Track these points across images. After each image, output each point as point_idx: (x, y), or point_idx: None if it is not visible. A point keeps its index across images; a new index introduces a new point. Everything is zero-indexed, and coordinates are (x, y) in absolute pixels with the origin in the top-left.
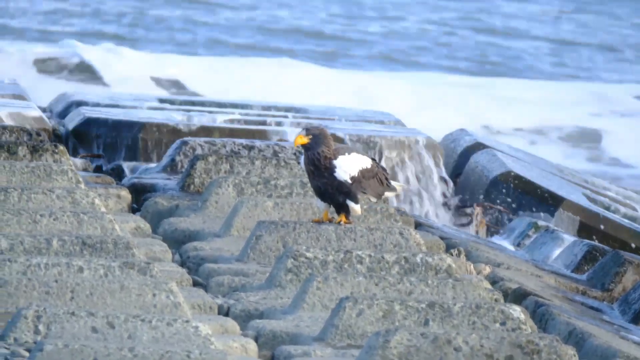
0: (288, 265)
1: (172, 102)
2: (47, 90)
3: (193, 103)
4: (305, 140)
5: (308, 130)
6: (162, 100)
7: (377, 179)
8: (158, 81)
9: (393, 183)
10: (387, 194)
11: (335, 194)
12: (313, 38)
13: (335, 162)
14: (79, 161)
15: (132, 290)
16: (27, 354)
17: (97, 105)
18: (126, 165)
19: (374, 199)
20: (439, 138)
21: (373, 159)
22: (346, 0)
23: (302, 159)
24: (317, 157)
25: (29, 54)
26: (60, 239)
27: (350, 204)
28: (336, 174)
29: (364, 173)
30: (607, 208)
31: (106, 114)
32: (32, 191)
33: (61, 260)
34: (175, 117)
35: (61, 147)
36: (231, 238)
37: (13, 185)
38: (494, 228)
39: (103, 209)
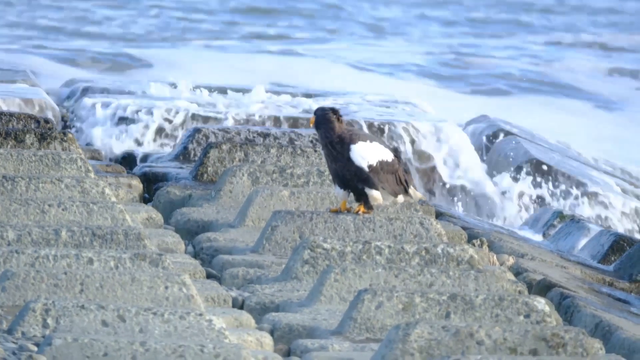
0: (305, 256)
1: None
2: None
3: None
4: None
5: (315, 111)
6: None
7: (397, 176)
8: None
9: (412, 190)
10: (401, 197)
11: (353, 180)
12: None
13: (353, 146)
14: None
15: (143, 283)
16: (35, 349)
17: (105, 91)
18: (137, 153)
19: (386, 200)
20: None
21: (397, 156)
22: None
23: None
24: (328, 137)
25: None
26: (69, 229)
27: (370, 191)
28: (353, 158)
29: (383, 165)
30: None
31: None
32: (40, 180)
33: (70, 251)
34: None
35: (70, 135)
36: (246, 228)
37: (20, 174)
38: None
39: (113, 199)
